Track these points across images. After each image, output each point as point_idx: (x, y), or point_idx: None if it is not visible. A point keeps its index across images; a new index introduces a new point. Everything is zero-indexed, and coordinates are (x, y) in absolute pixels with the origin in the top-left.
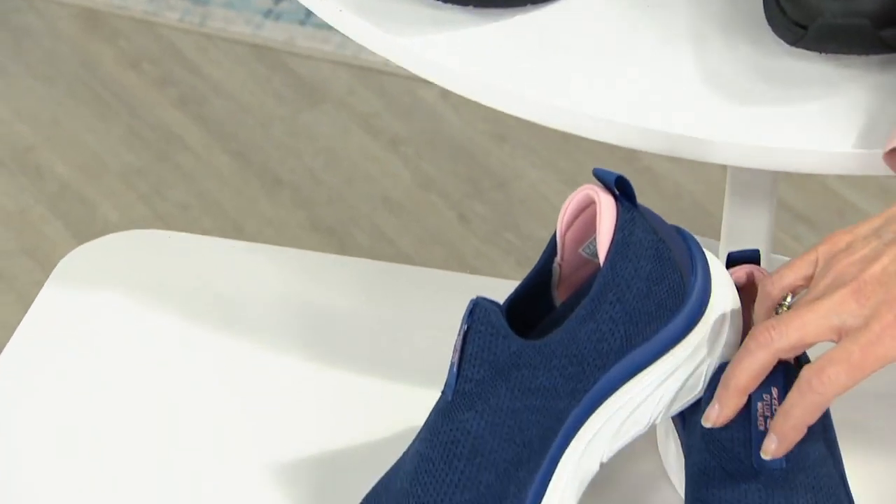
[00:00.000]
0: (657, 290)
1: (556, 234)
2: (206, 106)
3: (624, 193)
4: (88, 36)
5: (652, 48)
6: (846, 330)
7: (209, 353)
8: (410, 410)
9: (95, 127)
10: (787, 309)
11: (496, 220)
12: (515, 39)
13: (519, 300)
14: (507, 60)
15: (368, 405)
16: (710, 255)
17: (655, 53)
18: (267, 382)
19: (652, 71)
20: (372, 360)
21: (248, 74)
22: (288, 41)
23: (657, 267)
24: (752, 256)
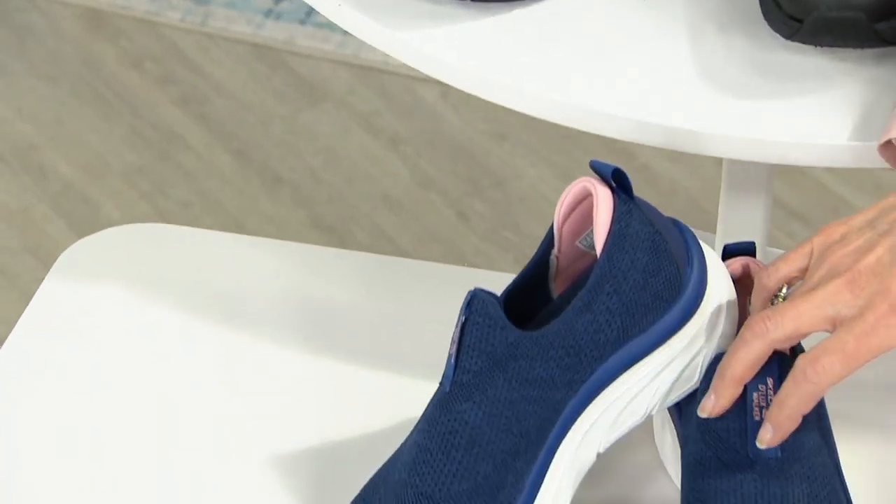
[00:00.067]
0: (654, 281)
1: (553, 226)
2: (207, 105)
3: (621, 186)
4: (91, 35)
5: (649, 42)
6: (841, 320)
7: (209, 346)
8: (409, 402)
9: (98, 126)
10: (782, 300)
11: (495, 218)
12: (514, 34)
13: (516, 292)
14: (505, 55)
15: (367, 397)
16: (706, 247)
17: (652, 48)
18: (267, 375)
19: (649, 65)
20: (371, 352)
21: (248, 74)
22: (288, 40)
23: (654, 259)
24: (747, 249)
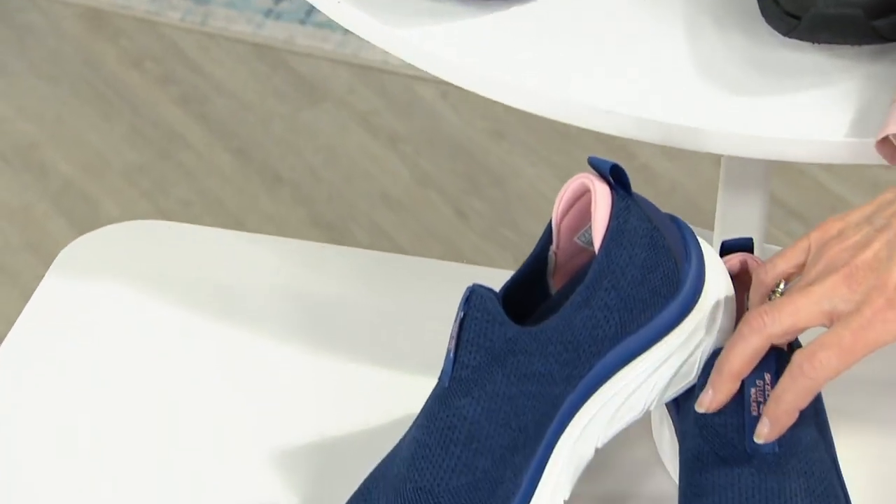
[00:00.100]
0: (652, 277)
1: (551, 222)
2: (207, 104)
3: (619, 182)
4: (92, 35)
5: (648, 40)
6: (838, 315)
7: (209, 342)
8: (408, 398)
9: (98, 125)
10: (780, 296)
11: (494, 216)
12: (512, 31)
13: (515, 288)
14: (504, 52)
15: (367, 393)
16: (704, 243)
17: (651, 45)
18: (267, 371)
19: (647, 62)
20: (371, 348)
21: (249, 73)
22: (288, 40)
23: (652, 254)
24: (745, 245)
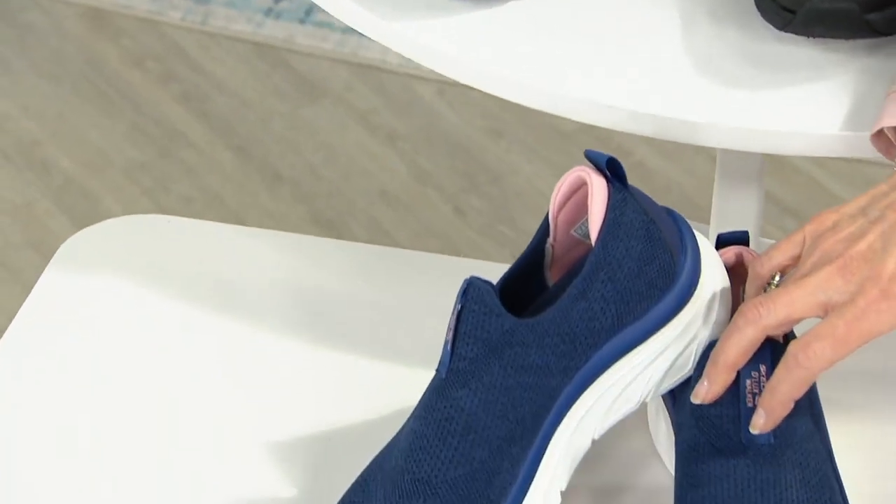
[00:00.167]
0: (648, 269)
1: (548, 215)
2: (208, 102)
3: (615, 175)
4: (93, 34)
5: (644, 34)
6: (832, 306)
7: (209, 336)
8: (406, 390)
9: (100, 123)
10: (775, 288)
11: (491, 213)
12: (509, 26)
13: (512, 280)
14: (501, 46)
15: (365, 385)
16: (700, 235)
17: (647, 39)
18: (266, 364)
19: (643, 56)
20: (369, 341)
21: (249, 72)
22: (288, 39)
23: (648, 247)
24: (741, 238)
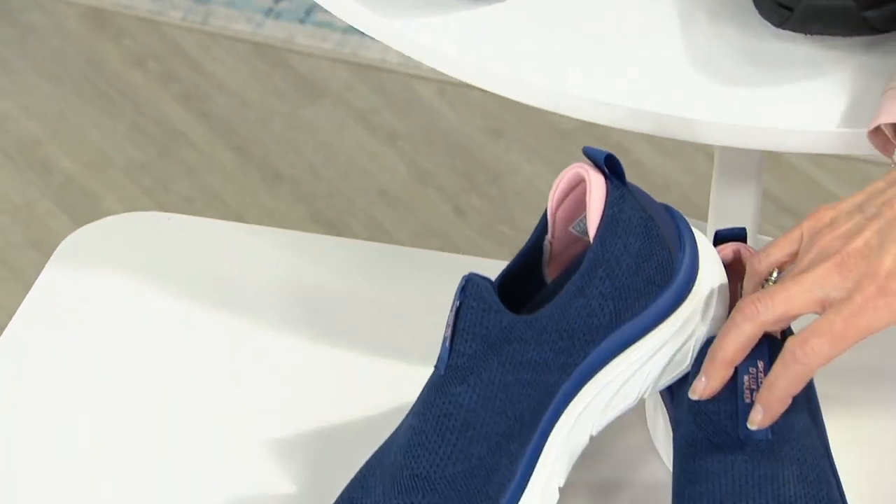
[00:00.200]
0: (646, 266)
1: (546, 212)
2: (208, 102)
3: (613, 171)
4: (94, 34)
5: (642, 32)
6: (830, 302)
7: (208, 333)
8: (405, 386)
9: (101, 123)
10: (773, 284)
11: (491, 212)
12: (509, 24)
13: (511, 277)
14: (500, 44)
15: (364, 382)
16: (697, 232)
17: (646, 37)
18: (266, 361)
19: (642, 54)
20: (369, 338)
21: (249, 71)
22: (288, 39)
23: (646, 244)
24: (738, 234)
